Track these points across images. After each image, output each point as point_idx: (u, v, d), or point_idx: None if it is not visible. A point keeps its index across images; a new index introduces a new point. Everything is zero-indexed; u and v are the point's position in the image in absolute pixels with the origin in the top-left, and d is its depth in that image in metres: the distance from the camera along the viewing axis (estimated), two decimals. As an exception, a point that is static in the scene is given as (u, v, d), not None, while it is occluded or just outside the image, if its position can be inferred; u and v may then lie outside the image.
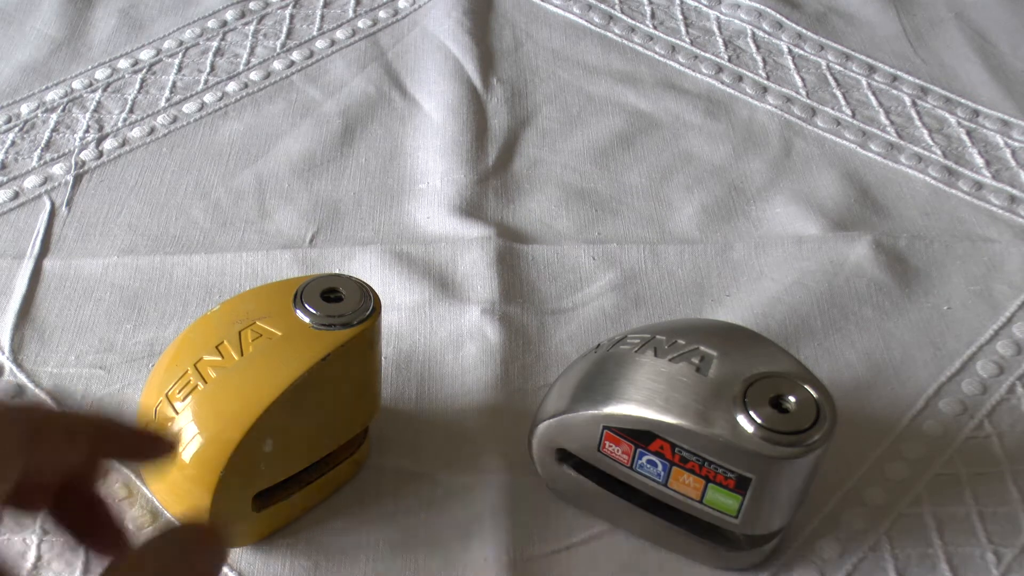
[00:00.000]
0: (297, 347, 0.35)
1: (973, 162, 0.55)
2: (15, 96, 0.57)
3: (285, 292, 0.36)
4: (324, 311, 0.35)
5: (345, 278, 0.37)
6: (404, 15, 0.63)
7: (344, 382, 0.36)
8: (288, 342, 0.35)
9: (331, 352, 0.34)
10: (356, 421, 0.39)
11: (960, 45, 0.63)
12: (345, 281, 0.36)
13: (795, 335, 0.46)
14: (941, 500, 0.41)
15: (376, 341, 0.37)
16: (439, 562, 0.38)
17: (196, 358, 0.35)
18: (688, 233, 0.51)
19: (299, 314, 0.35)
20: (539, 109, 0.58)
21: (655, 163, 0.55)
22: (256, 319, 0.36)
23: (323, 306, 0.35)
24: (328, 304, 0.35)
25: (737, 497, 0.34)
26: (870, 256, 0.50)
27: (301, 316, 0.35)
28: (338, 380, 0.36)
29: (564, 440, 0.38)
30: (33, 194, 0.52)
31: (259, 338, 0.35)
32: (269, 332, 0.35)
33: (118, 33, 0.61)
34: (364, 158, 0.55)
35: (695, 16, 0.64)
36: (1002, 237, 0.52)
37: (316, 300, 0.36)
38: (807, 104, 0.58)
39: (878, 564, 0.39)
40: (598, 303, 0.48)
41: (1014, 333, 0.47)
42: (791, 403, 0.33)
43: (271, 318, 0.35)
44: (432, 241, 0.50)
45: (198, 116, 0.56)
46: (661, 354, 0.35)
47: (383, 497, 0.40)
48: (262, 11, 0.63)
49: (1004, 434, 0.43)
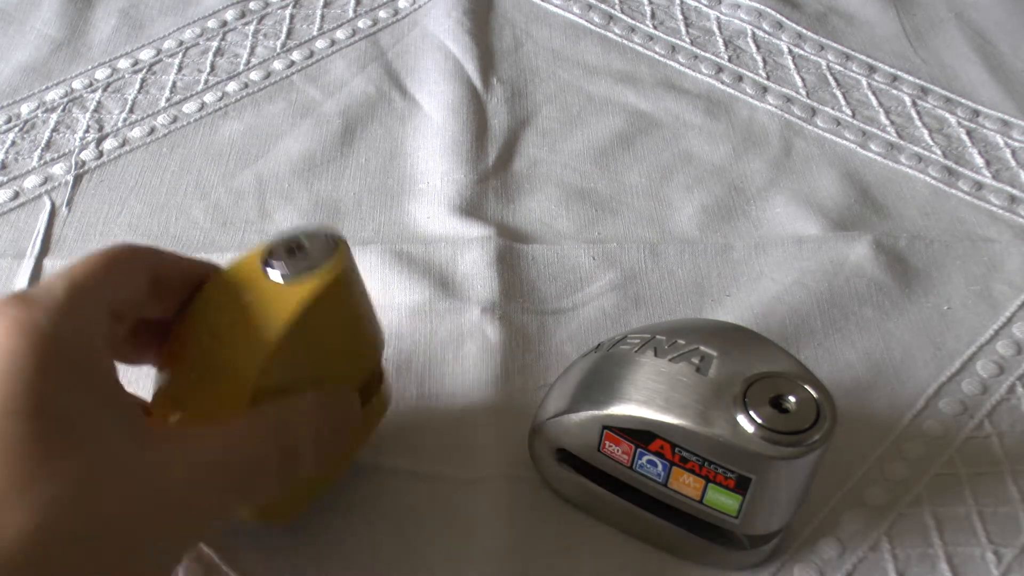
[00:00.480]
0: (275, 305, 0.33)
1: (973, 162, 0.55)
2: (15, 96, 0.57)
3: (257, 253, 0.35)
4: (292, 265, 0.34)
5: (308, 230, 0.35)
6: (404, 15, 0.63)
7: (334, 324, 0.35)
8: (265, 303, 0.34)
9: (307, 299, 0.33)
10: (360, 364, 0.38)
11: (960, 45, 0.63)
12: (307, 234, 0.35)
13: (795, 335, 0.46)
14: (941, 500, 0.41)
15: (354, 276, 0.36)
16: (439, 562, 0.38)
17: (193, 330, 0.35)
18: (688, 233, 0.51)
19: (268, 272, 0.34)
20: (539, 109, 0.58)
21: (655, 163, 0.55)
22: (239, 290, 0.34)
23: (290, 261, 0.34)
24: (295, 259, 0.34)
25: (737, 497, 0.34)
26: (870, 256, 0.50)
27: (271, 274, 0.34)
28: (327, 324, 0.35)
29: (564, 440, 0.38)
30: (33, 194, 0.52)
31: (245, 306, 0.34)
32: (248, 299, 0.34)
33: (118, 33, 0.61)
34: (364, 158, 0.55)
35: (695, 16, 0.64)
36: (1002, 237, 0.52)
37: (282, 257, 0.34)
38: (807, 104, 0.58)
39: (878, 564, 0.39)
40: (598, 303, 0.48)
41: (1014, 333, 0.47)
42: (791, 403, 0.33)
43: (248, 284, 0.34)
44: (432, 241, 0.50)
45: (198, 116, 0.56)
46: (661, 354, 0.35)
47: (383, 497, 0.40)
48: (262, 11, 0.63)
49: (1004, 434, 0.43)
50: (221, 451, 0.31)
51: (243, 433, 0.32)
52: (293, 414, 0.33)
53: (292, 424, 0.33)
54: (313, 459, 0.34)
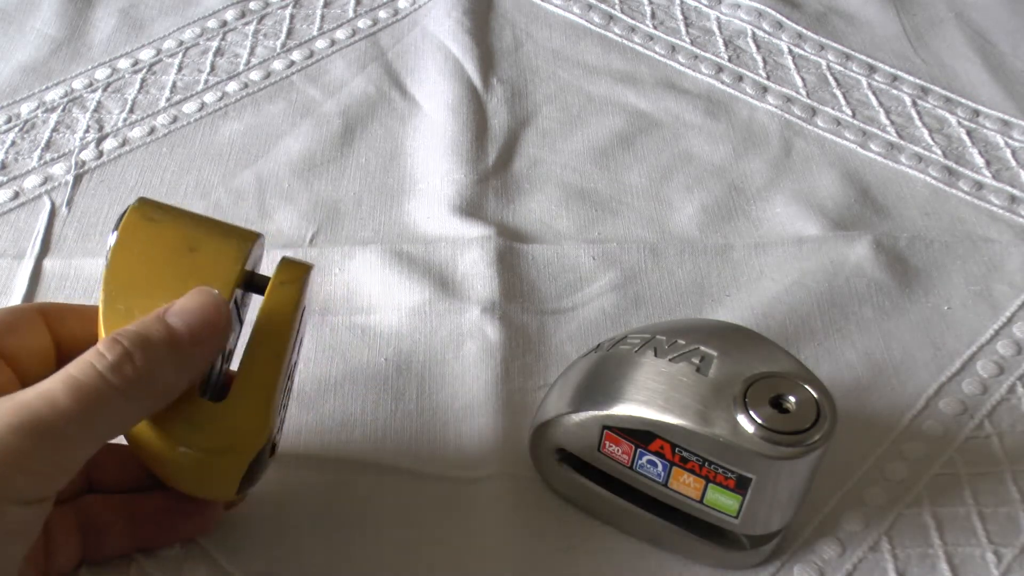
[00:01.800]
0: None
1: (973, 162, 0.55)
2: (15, 96, 0.57)
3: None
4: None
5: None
6: (404, 15, 0.63)
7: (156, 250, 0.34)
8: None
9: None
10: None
11: (960, 45, 0.63)
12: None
13: (795, 335, 0.46)
14: (941, 500, 0.41)
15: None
16: (439, 562, 0.38)
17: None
18: (688, 233, 0.51)
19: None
20: (539, 109, 0.58)
21: (655, 163, 0.55)
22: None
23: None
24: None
25: (737, 497, 0.34)
26: (870, 256, 0.50)
27: None
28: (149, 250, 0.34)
29: (564, 440, 0.38)
30: (33, 194, 0.52)
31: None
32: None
33: (118, 33, 0.61)
34: (364, 158, 0.55)
35: (695, 16, 0.64)
36: (1002, 237, 0.52)
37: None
38: (807, 104, 0.58)
39: (878, 564, 0.39)
40: (598, 303, 0.48)
41: (1014, 333, 0.47)
42: (791, 403, 0.33)
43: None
44: (432, 241, 0.50)
45: (198, 116, 0.56)
46: (661, 354, 0.35)
47: (383, 497, 0.40)
48: (262, 11, 0.63)
49: (1004, 434, 0.43)
50: (46, 396, 0.28)
51: (75, 366, 0.29)
52: (130, 327, 0.31)
53: (126, 334, 0.30)
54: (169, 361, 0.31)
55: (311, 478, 0.40)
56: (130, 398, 0.30)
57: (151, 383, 0.30)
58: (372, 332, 0.46)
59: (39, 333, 0.34)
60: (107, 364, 0.29)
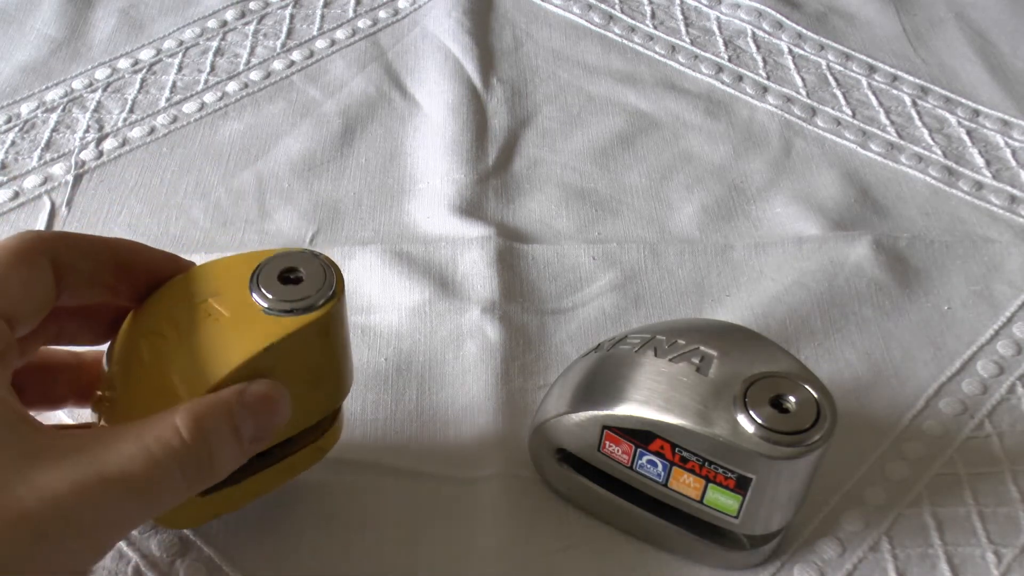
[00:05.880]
0: (242, 333, 0.31)
1: (973, 162, 0.55)
2: (15, 96, 0.57)
3: (247, 266, 0.33)
4: (279, 295, 0.32)
5: (309, 255, 0.33)
6: (404, 15, 0.63)
7: (300, 369, 0.33)
8: (234, 326, 0.31)
9: (274, 343, 0.31)
10: (315, 408, 0.36)
11: (960, 45, 0.63)
12: (308, 260, 0.33)
13: (795, 335, 0.46)
14: (941, 500, 0.41)
15: (337, 327, 0.33)
16: (439, 562, 0.38)
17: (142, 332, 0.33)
18: (688, 233, 0.51)
19: (254, 296, 0.32)
20: (539, 109, 0.58)
21: (655, 163, 0.55)
22: (208, 296, 0.32)
23: (279, 289, 0.32)
24: (284, 287, 0.32)
25: (737, 497, 0.34)
26: (870, 256, 0.50)
27: (256, 298, 0.32)
28: (290, 367, 0.32)
29: (564, 440, 0.38)
30: (33, 194, 0.52)
31: (208, 318, 0.32)
32: (218, 313, 0.32)
33: (118, 33, 0.61)
34: (364, 158, 0.55)
35: (695, 16, 0.64)
36: (1002, 237, 0.52)
37: (272, 282, 0.32)
38: (807, 104, 0.58)
39: (878, 564, 0.39)
40: (598, 303, 0.48)
41: (1014, 333, 0.47)
42: (791, 403, 0.33)
43: (223, 296, 0.32)
44: (432, 241, 0.50)
45: (198, 116, 0.56)
46: (661, 354, 0.35)
47: (383, 497, 0.40)
48: (262, 11, 0.63)
49: (1004, 434, 0.43)
50: (124, 461, 0.28)
51: (152, 435, 0.29)
52: (208, 407, 0.30)
53: (207, 419, 0.30)
54: (231, 456, 0.31)
55: (311, 478, 0.40)
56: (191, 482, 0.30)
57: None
58: (372, 332, 0.46)
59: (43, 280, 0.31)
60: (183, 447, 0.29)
